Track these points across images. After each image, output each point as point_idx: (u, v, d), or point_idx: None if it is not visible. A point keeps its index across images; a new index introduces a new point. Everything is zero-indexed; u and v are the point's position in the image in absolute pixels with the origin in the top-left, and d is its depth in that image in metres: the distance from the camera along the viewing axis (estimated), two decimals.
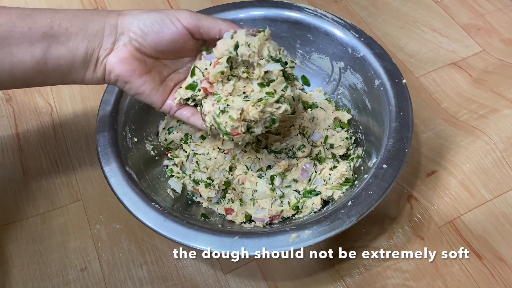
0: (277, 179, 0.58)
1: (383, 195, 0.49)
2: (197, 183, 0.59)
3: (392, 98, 0.56)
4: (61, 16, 0.47)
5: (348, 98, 0.65)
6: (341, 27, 0.62)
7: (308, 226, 0.47)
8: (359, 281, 0.55)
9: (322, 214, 0.49)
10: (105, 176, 0.52)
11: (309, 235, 0.46)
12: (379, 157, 0.52)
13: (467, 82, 0.72)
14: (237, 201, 0.57)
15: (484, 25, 0.79)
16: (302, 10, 0.64)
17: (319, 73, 0.67)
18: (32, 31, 0.45)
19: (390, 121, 0.55)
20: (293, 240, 0.46)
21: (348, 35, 0.62)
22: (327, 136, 0.61)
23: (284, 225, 0.50)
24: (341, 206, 0.49)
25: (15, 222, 0.61)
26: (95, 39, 0.48)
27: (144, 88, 0.51)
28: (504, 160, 0.63)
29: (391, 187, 0.49)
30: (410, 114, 0.54)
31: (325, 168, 0.59)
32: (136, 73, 0.50)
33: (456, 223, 0.59)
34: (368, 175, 0.51)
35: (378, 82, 0.58)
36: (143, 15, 0.49)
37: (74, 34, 0.47)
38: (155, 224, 0.49)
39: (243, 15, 0.65)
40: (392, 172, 0.50)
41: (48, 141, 0.68)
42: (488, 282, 0.55)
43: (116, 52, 0.49)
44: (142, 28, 0.48)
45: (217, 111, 0.49)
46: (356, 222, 0.47)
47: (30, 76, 0.47)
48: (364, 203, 0.48)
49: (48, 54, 0.46)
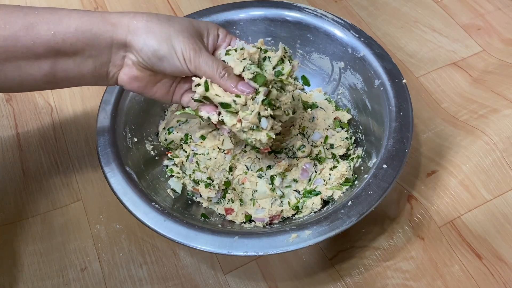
0: (277, 179, 0.58)
1: (383, 195, 0.49)
2: (197, 183, 0.58)
3: (392, 98, 0.56)
4: (65, 28, 0.45)
5: (348, 98, 0.65)
6: (341, 27, 0.62)
7: (308, 226, 0.47)
8: (359, 281, 0.55)
9: (322, 214, 0.49)
10: (105, 176, 0.52)
11: (309, 235, 0.46)
12: (379, 157, 0.52)
13: (467, 82, 0.72)
14: (237, 201, 0.57)
15: (484, 25, 0.79)
16: (302, 10, 0.64)
17: (319, 73, 0.67)
18: (36, 45, 0.44)
19: (390, 121, 0.55)
20: (293, 240, 0.46)
21: (348, 35, 0.62)
22: (327, 136, 0.61)
23: (284, 225, 0.50)
24: (341, 206, 0.49)
25: (15, 222, 0.61)
26: (103, 55, 0.47)
27: (157, 94, 0.51)
28: (504, 160, 0.63)
29: (391, 187, 0.49)
30: (410, 114, 0.54)
31: (325, 168, 0.59)
32: (148, 86, 0.50)
33: (456, 223, 0.59)
34: (368, 175, 0.51)
35: (378, 82, 0.58)
36: (152, 41, 0.46)
37: (80, 49, 0.46)
38: (155, 224, 0.48)
39: (243, 15, 0.65)
40: (392, 172, 0.50)
41: (48, 141, 0.68)
42: (488, 282, 0.55)
43: (126, 70, 0.48)
44: (149, 56, 0.47)
45: (245, 128, 0.49)
46: (356, 222, 0.47)
47: (40, 86, 0.47)
48: (364, 203, 0.48)
49: (56, 67, 0.46)
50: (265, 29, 0.66)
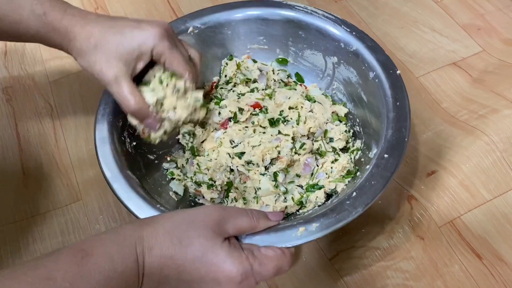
0: (280, 175, 0.58)
1: (387, 184, 0.49)
2: (199, 185, 0.58)
3: (388, 89, 0.56)
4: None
5: (343, 92, 0.65)
6: (332, 23, 0.62)
7: (315, 219, 0.47)
8: (359, 281, 0.55)
9: (328, 207, 0.49)
10: (108, 182, 0.51)
11: (317, 228, 0.46)
12: (380, 148, 0.52)
13: (467, 82, 0.72)
14: (240, 199, 0.57)
15: (484, 25, 0.79)
16: (293, 8, 0.64)
17: (313, 70, 0.67)
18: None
19: (388, 111, 0.55)
20: (302, 233, 0.46)
21: (340, 30, 0.62)
22: (327, 130, 0.61)
23: (291, 220, 0.50)
24: (346, 198, 0.49)
25: (15, 222, 0.61)
26: None
27: None
28: (504, 160, 0.63)
29: (393, 176, 0.50)
30: (407, 104, 0.55)
31: (326, 161, 0.59)
32: None
33: (456, 223, 0.59)
34: (370, 165, 0.52)
35: (372, 75, 0.58)
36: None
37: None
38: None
39: (234, 16, 0.65)
40: (394, 161, 0.50)
41: (48, 141, 0.68)
42: (488, 282, 0.55)
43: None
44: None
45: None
46: (362, 212, 0.47)
47: None
48: (368, 193, 0.48)
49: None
50: (256, 28, 0.66)
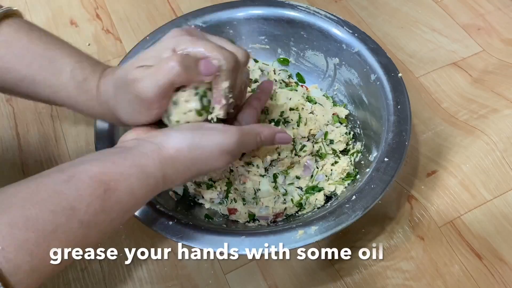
0: (280, 177, 0.58)
1: (386, 188, 0.49)
2: (198, 185, 0.58)
3: (389, 92, 0.56)
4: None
5: (344, 93, 0.65)
6: (335, 24, 0.62)
7: (314, 222, 0.47)
8: (359, 281, 0.55)
9: (327, 210, 0.49)
10: None
11: (316, 231, 0.46)
12: (380, 151, 0.52)
13: (467, 82, 0.72)
14: (239, 200, 0.57)
15: (484, 25, 0.79)
16: (295, 8, 0.64)
17: (314, 70, 0.67)
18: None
19: (388, 114, 0.55)
20: (300, 236, 0.46)
21: (342, 31, 0.62)
22: (327, 132, 0.61)
23: (289, 223, 0.50)
24: (345, 201, 0.49)
25: None
26: None
27: None
28: (504, 160, 0.64)
29: (393, 179, 0.50)
30: (408, 107, 0.55)
31: (326, 163, 0.59)
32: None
33: (456, 223, 0.59)
34: (370, 169, 0.52)
35: (374, 77, 0.58)
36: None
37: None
38: (163, 229, 0.48)
39: (236, 15, 0.65)
40: (394, 165, 0.50)
41: (48, 141, 0.68)
42: (488, 282, 0.55)
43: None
44: None
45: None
46: (362, 215, 0.47)
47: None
48: (368, 196, 0.48)
49: None
50: (258, 28, 0.66)
